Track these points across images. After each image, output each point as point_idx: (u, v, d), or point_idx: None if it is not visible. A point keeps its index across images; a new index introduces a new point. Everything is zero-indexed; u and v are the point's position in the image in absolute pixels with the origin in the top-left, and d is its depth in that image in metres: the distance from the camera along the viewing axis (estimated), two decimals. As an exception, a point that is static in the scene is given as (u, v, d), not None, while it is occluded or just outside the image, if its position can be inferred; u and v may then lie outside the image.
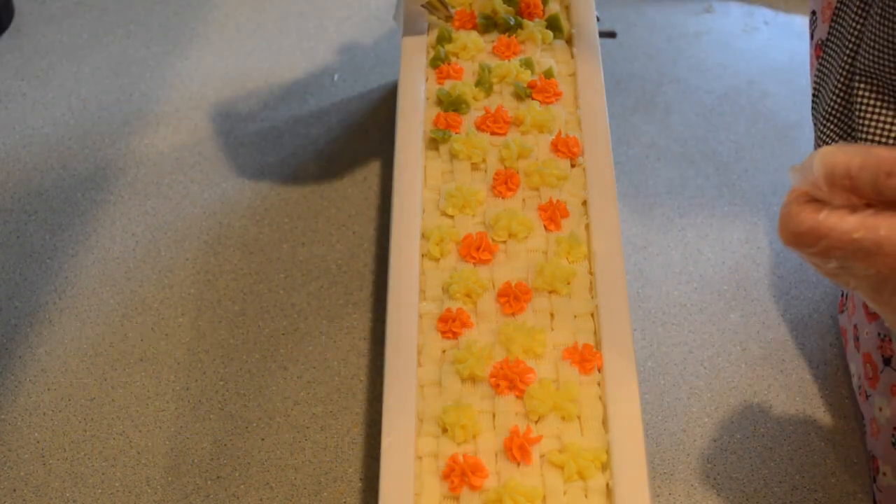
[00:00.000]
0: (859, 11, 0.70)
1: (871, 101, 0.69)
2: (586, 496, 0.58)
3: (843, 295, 0.84)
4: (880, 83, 0.69)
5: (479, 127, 0.77)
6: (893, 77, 0.68)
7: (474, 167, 0.75)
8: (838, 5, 0.73)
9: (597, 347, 0.65)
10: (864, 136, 0.70)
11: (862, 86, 0.70)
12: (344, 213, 0.94)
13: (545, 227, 0.71)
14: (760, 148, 1.01)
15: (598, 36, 0.84)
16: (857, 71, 0.70)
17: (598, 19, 0.86)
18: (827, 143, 0.73)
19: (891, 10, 0.65)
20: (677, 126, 1.03)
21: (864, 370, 0.76)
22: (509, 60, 0.81)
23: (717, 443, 0.78)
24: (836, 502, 0.75)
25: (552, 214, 0.71)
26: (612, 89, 0.87)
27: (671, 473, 0.77)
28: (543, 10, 0.86)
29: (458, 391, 0.62)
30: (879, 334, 0.73)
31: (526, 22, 0.84)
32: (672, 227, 0.94)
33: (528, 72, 0.80)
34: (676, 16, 1.17)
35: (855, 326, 0.79)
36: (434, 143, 0.76)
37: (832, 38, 0.73)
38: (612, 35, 0.97)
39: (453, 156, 0.75)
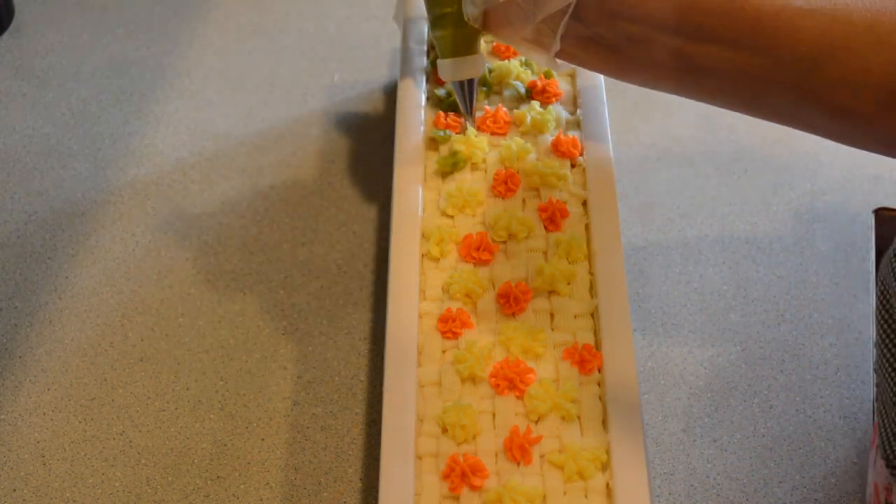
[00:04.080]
0: None
1: None
2: (586, 496, 0.58)
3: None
4: None
5: (479, 127, 0.77)
6: None
7: (474, 167, 0.75)
8: None
9: (597, 347, 0.65)
10: None
11: None
12: (344, 213, 0.94)
13: (545, 227, 0.71)
14: (760, 148, 1.01)
15: (598, 36, 0.84)
16: None
17: (598, 19, 0.86)
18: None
19: None
20: (677, 126, 1.03)
21: None
22: (509, 60, 0.81)
23: (717, 443, 0.78)
24: (836, 502, 0.75)
25: (552, 214, 0.71)
26: (612, 89, 0.86)
27: (671, 473, 0.77)
28: (543, 10, 0.86)
29: (458, 391, 0.62)
30: None
31: (526, 22, 0.84)
32: (672, 227, 0.94)
33: (528, 72, 0.80)
34: (676, 16, 1.17)
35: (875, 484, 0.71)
36: (434, 143, 0.76)
37: None
38: (612, 35, 0.97)
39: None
